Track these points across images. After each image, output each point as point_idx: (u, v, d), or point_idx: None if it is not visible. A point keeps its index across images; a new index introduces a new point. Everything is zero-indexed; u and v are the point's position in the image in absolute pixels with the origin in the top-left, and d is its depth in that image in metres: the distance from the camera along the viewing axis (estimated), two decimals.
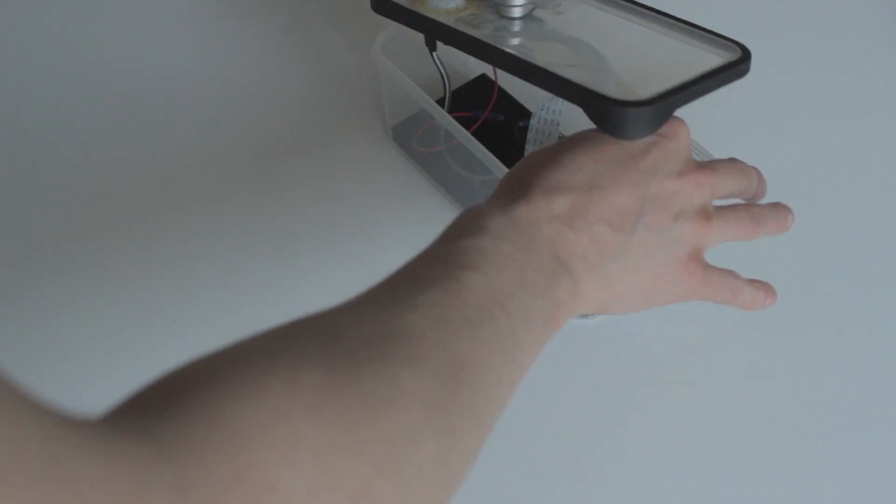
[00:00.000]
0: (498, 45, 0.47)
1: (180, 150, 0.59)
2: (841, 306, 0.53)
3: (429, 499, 0.29)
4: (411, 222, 0.56)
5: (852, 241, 0.56)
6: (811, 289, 0.54)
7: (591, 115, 0.42)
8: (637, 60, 0.47)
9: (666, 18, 0.49)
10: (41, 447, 0.20)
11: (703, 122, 0.53)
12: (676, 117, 0.42)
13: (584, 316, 0.52)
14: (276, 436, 0.25)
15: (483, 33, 0.49)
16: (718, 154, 0.50)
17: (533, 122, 0.54)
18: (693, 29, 0.48)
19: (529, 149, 0.56)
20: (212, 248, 0.54)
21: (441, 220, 0.54)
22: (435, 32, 0.49)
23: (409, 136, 0.59)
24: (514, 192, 0.39)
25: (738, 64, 0.45)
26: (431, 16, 0.50)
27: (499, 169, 0.51)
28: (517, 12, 0.50)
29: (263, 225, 0.55)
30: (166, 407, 0.26)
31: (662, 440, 0.48)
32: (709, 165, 0.43)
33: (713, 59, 0.46)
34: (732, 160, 0.46)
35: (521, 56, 0.45)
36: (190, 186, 0.57)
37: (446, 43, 0.49)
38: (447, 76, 0.55)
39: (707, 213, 0.42)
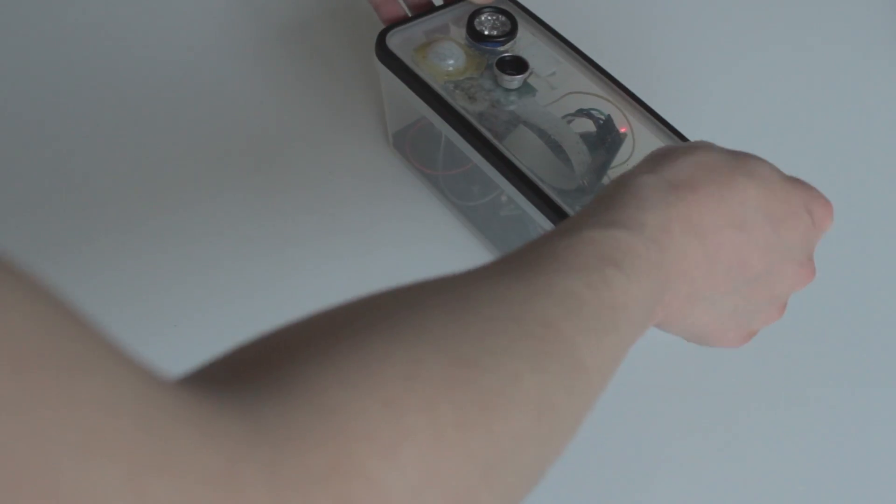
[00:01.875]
0: (487, 135, 0.49)
1: (179, 155, 0.60)
2: (844, 309, 0.56)
3: (517, 501, 0.29)
4: (411, 228, 0.58)
5: (855, 243, 0.59)
6: (813, 293, 0.57)
7: None
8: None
9: (650, 116, 0.51)
10: (135, 414, 0.19)
11: (702, 121, 0.56)
12: (829, 204, 0.42)
13: None
14: (383, 429, 0.24)
15: (476, 111, 0.51)
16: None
17: None
18: (673, 136, 0.51)
19: None
20: (212, 252, 0.56)
21: (440, 225, 0.58)
22: (428, 100, 0.51)
23: (409, 145, 0.60)
24: (681, 186, 0.38)
25: None
26: (429, 80, 0.52)
27: (503, 182, 0.52)
28: (515, 84, 0.52)
29: (263, 228, 0.57)
30: (268, 382, 0.24)
31: (664, 444, 0.51)
32: (813, 266, 0.43)
33: None
34: None
35: (509, 157, 0.49)
36: (190, 190, 0.58)
37: (438, 113, 0.51)
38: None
39: (785, 306, 0.43)
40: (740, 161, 0.40)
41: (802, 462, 0.51)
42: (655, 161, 0.39)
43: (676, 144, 0.41)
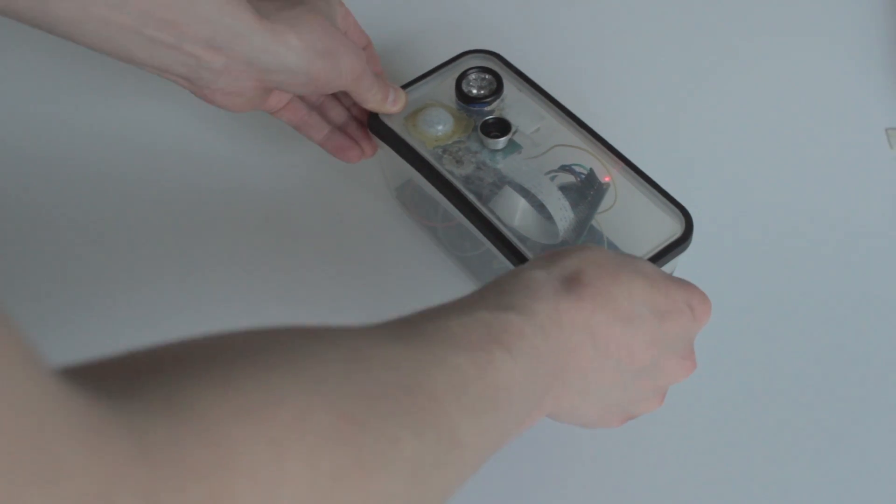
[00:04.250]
0: (471, 199, 0.53)
1: (192, 209, 0.63)
2: (820, 314, 0.59)
3: None
4: (413, 276, 0.61)
5: (843, 244, 0.62)
6: (794, 297, 0.59)
7: None
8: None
9: (629, 169, 0.54)
10: (21, 419, 0.19)
11: (681, 171, 0.58)
12: (708, 299, 0.44)
13: None
14: (265, 468, 0.25)
15: (463, 174, 0.55)
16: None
17: None
18: (650, 187, 0.54)
19: None
20: (220, 301, 0.59)
21: (440, 274, 0.61)
22: (418, 167, 0.55)
23: (410, 198, 0.63)
24: (570, 281, 0.40)
25: (678, 244, 0.52)
26: (419, 147, 0.55)
27: (487, 243, 0.54)
28: (499, 146, 0.55)
29: (270, 277, 0.60)
30: (162, 399, 0.25)
31: (648, 442, 0.53)
32: (694, 357, 0.45)
33: (660, 230, 0.52)
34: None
35: (492, 220, 0.52)
36: (198, 240, 0.62)
37: (427, 179, 0.55)
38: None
39: (665, 395, 0.46)
40: (626, 259, 0.43)
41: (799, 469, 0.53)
42: (547, 259, 0.42)
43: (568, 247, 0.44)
